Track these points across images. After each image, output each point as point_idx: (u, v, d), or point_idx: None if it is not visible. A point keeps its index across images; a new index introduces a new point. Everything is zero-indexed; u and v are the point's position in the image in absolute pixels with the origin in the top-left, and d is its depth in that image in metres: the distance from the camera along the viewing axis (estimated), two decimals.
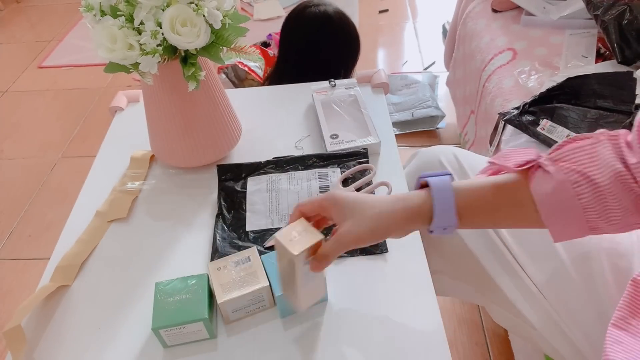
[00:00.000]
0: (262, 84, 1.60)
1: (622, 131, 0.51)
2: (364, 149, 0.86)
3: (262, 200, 0.81)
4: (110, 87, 2.38)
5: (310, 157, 0.86)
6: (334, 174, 0.83)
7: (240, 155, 0.91)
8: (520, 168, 0.53)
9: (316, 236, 0.56)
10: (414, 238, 0.73)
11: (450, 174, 0.56)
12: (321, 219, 0.60)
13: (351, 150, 0.86)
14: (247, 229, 0.77)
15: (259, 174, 0.85)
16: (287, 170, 0.85)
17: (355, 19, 2.59)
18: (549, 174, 0.51)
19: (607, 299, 0.67)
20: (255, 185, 0.83)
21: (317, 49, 1.33)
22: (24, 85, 2.47)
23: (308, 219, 0.58)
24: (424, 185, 0.56)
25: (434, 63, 2.29)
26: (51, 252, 0.77)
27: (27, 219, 1.75)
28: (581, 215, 0.51)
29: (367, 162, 0.85)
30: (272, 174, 0.85)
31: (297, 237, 0.55)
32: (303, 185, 0.82)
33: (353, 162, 0.85)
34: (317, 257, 0.55)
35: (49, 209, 1.78)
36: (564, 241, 0.55)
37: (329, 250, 0.54)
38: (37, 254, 1.62)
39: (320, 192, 0.81)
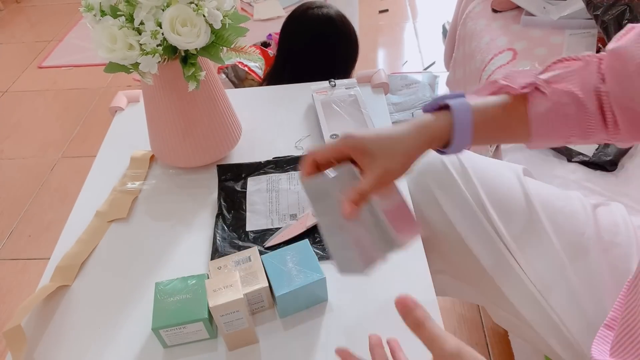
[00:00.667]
0: (261, 84, 1.60)
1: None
2: None
3: (262, 200, 0.81)
4: (110, 87, 2.38)
5: None
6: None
7: (240, 155, 0.91)
8: (524, 90, 0.57)
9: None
10: (417, 247, 0.73)
11: (464, 95, 0.57)
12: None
13: None
14: (247, 229, 0.77)
15: (258, 174, 0.85)
16: (287, 170, 0.85)
17: (355, 19, 2.60)
18: (545, 95, 0.56)
19: (606, 301, 0.67)
20: (255, 185, 0.83)
21: (317, 50, 1.33)
22: (24, 85, 2.47)
23: (320, 166, 0.56)
24: (442, 107, 0.57)
25: (434, 63, 2.29)
26: (51, 252, 0.77)
27: (27, 219, 1.75)
28: (564, 132, 0.57)
29: None
30: (272, 174, 0.85)
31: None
32: None
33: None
34: (354, 196, 0.52)
35: (49, 209, 1.78)
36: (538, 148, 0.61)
37: (368, 187, 0.52)
38: (37, 254, 1.62)
39: None
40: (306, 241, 0.68)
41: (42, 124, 2.22)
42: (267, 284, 0.63)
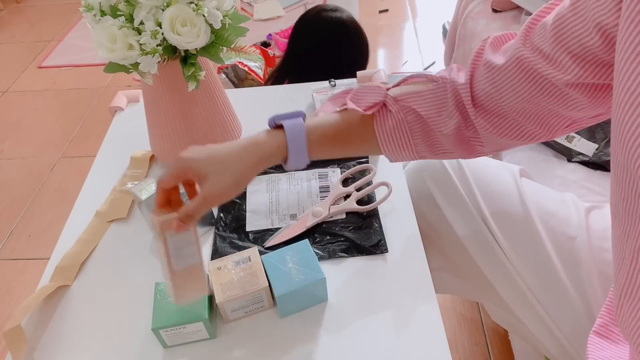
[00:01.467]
0: (265, 83, 1.60)
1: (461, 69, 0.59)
2: None
3: (262, 200, 0.81)
4: (110, 87, 2.38)
5: None
6: (334, 174, 0.83)
7: None
8: (370, 111, 0.59)
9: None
10: (414, 238, 0.73)
11: (303, 114, 0.60)
12: (191, 189, 0.59)
13: None
14: (247, 229, 0.77)
15: (258, 174, 0.85)
16: (286, 170, 0.85)
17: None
18: (390, 113, 0.60)
19: (595, 305, 0.67)
20: (255, 186, 0.83)
21: (327, 53, 1.33)
22: (24, 85, 2.47)
23: (174, 194, 0.57)
24: (279, 126, 0.60)
25: (434, 63, 2.29)
26: (51, 252, 0.77)
27: (27, 219, 1.75)
28: (412, 148, 0.61)
29: (367, 162, 0.85)
30: (272, 174, 0.85)
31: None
32: (303, 185, 0.82)
33: (353, 162, 0.85)
34: (181, 215, 0.54)
35: (49, 209, 1.78)
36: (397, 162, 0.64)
37: (194, 209, 0.54)
38: (37, 254, 1.62)
39: (320, 192, 0.81)
40: (306, 241, 0.68)
41: (42, 124, 2.22)
42: (267, 284, 0.63)
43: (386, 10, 2.77)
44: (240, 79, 1.96)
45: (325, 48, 1.33)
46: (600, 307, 0.66)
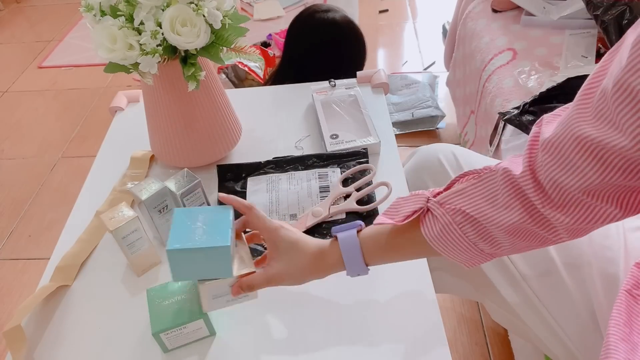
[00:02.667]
0: (264, 85, 1.60)
1: (505, 165, 0.53)
2: (364, 149, 0.86)
3: (262, 200, 0.81)
4: (110, 87, 2.38)
5: (310, 157, 0.86)
6: (334, 174, 0.83)
7: (240, 155, 0.91)
8: (406, 221, 0.58)
9: (249, 267, 0.60)
10: None
11: (360, 224, 0.62)
12: (256, 236, 0.66)
13: (351, 150, 0.86)
14: (247, 229, 0.77)
15: (259, 174, 0.85)
16: (287, 170, 0.85)
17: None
18: (436, 217, 0.57)
19: (597, 304, 0.67)
20: (255, 186, 0.83)
21: (322, 54, 1.32)
22: (24, 85, 2.47)
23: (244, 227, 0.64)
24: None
25: (434, 63, 2.29)
26: (51, 252, 0.77)
27: (27, 219, 1.75)
28: (473, 248, 0.56)
29: (367, 162, 0.85)
30: (272, 174, 0.85)
31: (237, 257, 0.61)
32: (303, 185, 0.82)
33: (353, 162, 0.85)
34: (243, 284, 0.60)
35: (49, 209, 1.78)
36: (475, 266, 0.60)
37: (257, 283, 0.60)
38: (37, 254, 1.62)
39: (320, 192, 0.81)
40: (229, 208, 0.62)
41: (42, 124, 2.22)
42: (254, 270, 0.61)
43: (386, 10, 2.77)
44: (240, 79, 1.96)
45: (319, 50, 1.32)
46: (602, 306, 0.66)
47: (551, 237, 0.53)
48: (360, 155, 0.85)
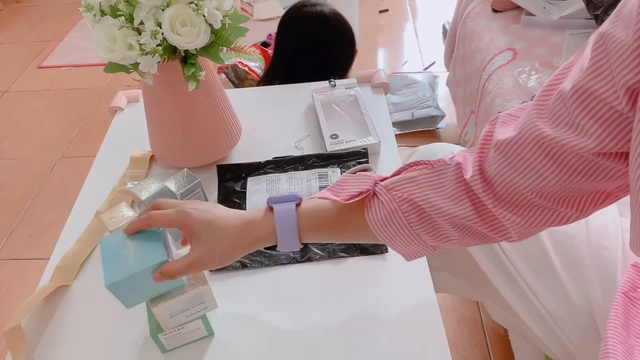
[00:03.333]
0: (259, 83, 1.60)
1: (459, 160, 0.53)
2: (364, 149, 0.86)
3: (262, 200, 0.81)
4: (110, 87, 2.37)
5: (310, 157, 0.86)
6: (334, 174, 0.83)
7: (240, 155, 0.91)
8: (351, 200, 0.56)
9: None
10: None
11: (299, 198, 0.59)
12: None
13: (351, 150, 0.86)
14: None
15: (258, 174, 0.85)
16: (287, 170, 0.85)
17: (355, 19, 2.59)
18: (382, 203, 0.55)
19: (595, 304, 0.67)
20: (255, 186, 0.83)
21: (311, 48, 1.32)
22: (24, 85, 2.47)
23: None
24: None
25: (434, 63, 2.29)
26: (51, 252, 0.77)
27: (27, 219, 1.75)
28: (415, 238, 0.55)
29: (367, 162, 0.85)
30: (272, 174, 0.85)
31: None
32: (303, 185, 0.82)
33: (353, 162, 0.85)
34: (163, 272, 0.54)
35: (49, 209, 1.78)
36: (415, 259, 0.59)
37: (178, 270, 0.55)
38: (37, 254, 1.62)
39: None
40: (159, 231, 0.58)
41: (42, 124, 2.22)
42: (207, 284, 0.59)
43: (386, 10, 2.77)
44: (240, 79, 1.96)
45: (309, 44, 1.32)
46: (601, 306, 0.66)
47: (498, 238, 0.53)
48: (360, 155, 0.85)
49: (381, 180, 0.56)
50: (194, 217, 0.55)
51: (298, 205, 0.58)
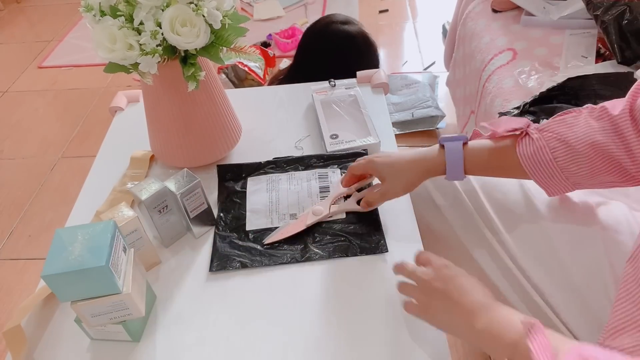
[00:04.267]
0: (269, 84, 1.60)
1: (605, 104, 0.61)
2: (364, 149, 0.86)
3: (262, 200, 0.81)
4: (110, 87, 2.38)
5: (311, 157, 0.86)
6: (334, 174, 0.83)
7: (240, 155, 0.91)
8: (508, 134, 0.66)
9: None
10: (414, 238, 0.74)
11: (466, 138, 0.69)
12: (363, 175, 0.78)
13: (351, 151, 0.86)
14: (247, 228, 0.77)
15: (259, 174, 0.85)
16: (287, 170, 0.85)
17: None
18: (532, 139, 0.64)
19: (605, 297, 0.66)
20: (255, 185, 0.83)
21: (335, 66, 1.30)
22: (24, 85, 2.47)
23: (358, 177, 0.78)
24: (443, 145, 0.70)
25: (434, 63, 2.29)
26: None
27: (27, 219, 1.75)
28: (560, 173, 0.63)
29: None
30: (272, 174, 0.85)
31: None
32: (303, 185, 0.82)
33: (353, 162, 0.85)
34: (363, 201, 0.74)
35: (49, 209, 1.78)
36: (556, 196, 0.68)
37: (374, 198, 0.74)
38: (37, 254, 1.62)
39: (320, 192, 0.81)
40: (110, 223, 0.60)
41: (42, 124, 2.22)
42: (129, 292, 0.59)
43: (386, 11, 2.77)
44: (240, 79, 1.96)
45: (332, 61, 1.31)
46: (606, 307, 0.65)
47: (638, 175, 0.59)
48: (360, 156, 0.85)
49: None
50: (377, 162, 0.72)
51: (465, 144, 0.69)
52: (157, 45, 0.65)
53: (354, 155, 0.85)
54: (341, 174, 0.83)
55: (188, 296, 0.70)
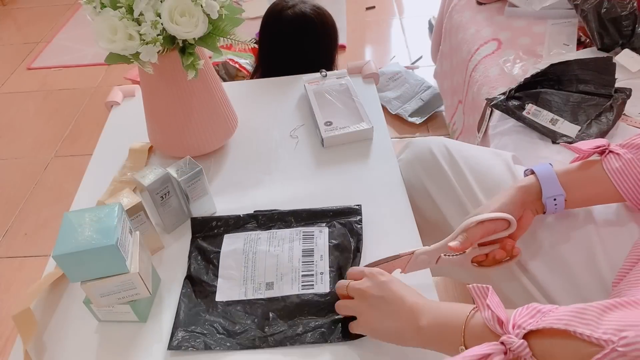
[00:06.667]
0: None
1: None
2: (357, 205, 0.78)
3: (237, 263, 0.73)
4: (100, 87, 2.38)
5: (299, 212, 0.78)
6: (321, 234, 0.75)
7: (237, 145, 0.93)
8: (593, 150, 0.67)
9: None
10: (413, 238, 0.74)
11: (551, 164, 0.69)
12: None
13: (342, 207, 0.78)
14: (217, 298, 0.69)
15: (237, 231, 0.77)
16: (269, 228, 0.77)
17: (343, 16, 2.62)
18: (618, 155, 0.65)
19: (605, 286, 0.67)
20: (231, 245, 0.75)
21: (299, 50, 1.30)
22: (13, 86, 2.47)
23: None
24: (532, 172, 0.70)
25: (421, 57, 2.32)
26: (47, 249, 0.77)
27: (22, 217, 1.76)
28: None
29: (360, 220, 0.77)
30: (252, 232, 0.77)
31: None
32: (284, 247, 0.73)
33: (344, 219, 0.77)
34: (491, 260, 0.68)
35: (44, 208, 1.79)
36: None
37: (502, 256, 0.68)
38: (34, 252, 1.62)
39: (302, 255, 0.72)
40: (116, 205, 0.62)
41: (33, 124, 2.22)
42: (137, 271, 0.62)
43: (373, 7, 2.80)
44: (230, 76, 1.98)
45: (296, 45, 1.29)
46: (610, 291, 0.64)
47: None
48: (352, 213, 0.77)
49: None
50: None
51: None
52: (157, 35, 0.68)
53: (346, 212, 0.77)
54: (329, 233, 0.75)
55: None
